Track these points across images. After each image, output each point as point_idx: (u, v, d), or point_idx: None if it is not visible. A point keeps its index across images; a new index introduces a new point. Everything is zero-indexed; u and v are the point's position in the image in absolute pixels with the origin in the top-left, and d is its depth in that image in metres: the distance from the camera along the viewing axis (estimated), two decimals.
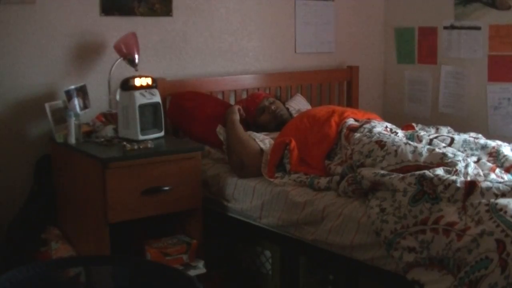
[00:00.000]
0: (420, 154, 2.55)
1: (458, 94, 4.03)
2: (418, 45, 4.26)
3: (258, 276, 3.02)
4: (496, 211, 2.15)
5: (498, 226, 2.10)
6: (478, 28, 3.91)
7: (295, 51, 4.11)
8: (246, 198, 2.96)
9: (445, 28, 4.09)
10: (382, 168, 2.55)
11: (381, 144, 2.64)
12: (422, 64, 4.23)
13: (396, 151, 2.58)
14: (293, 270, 2.84)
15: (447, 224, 2.19)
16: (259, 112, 3.39)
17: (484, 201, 2.22)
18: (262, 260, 2.99)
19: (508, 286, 2.00)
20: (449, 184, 2.29)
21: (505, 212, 2.13)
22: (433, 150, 2.58)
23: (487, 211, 2.17)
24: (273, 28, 4.01)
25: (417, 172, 2.41)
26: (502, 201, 2.19)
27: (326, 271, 2.70)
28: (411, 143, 2.66)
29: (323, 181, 2.75)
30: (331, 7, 4.22)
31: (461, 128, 3.44)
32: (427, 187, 2.33)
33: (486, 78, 3.90)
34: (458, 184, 2.28)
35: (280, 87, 3.98)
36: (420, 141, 2.81)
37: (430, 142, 2.79)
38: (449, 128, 3.22)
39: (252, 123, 3.39)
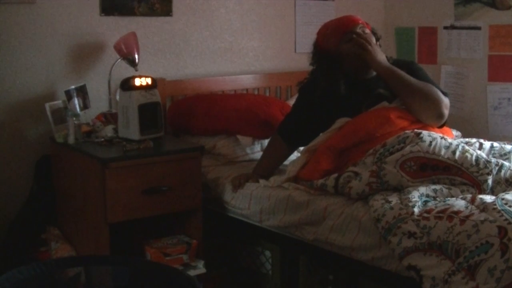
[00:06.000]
0: (454, 152, 2.50)
1: (458, 94, 4.03)
2: (418, 45, 4.26)
3: (258, 276, 3.02)
4: (502, 205, 2.18)
5: (501, 216, 2.12)
6: (478, 28, 3.91)
7: (295, 51, 4.11)
8: (244, 204, 2.96)
9: (445, 28, 4.09)
10: (412, 152, 2.51)
11: (417, 132, 2.61)
12: (422, 64, 4.22)
13: (431, 142, 2.54)
14: (293, 270, 2.84)
15: (452, 212, 2.22)
16: (346, 38, 2.90)
17: (492, 197, 2.31)
18: (262, 260, 2.99)
19: (507, 269, 2.01)
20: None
21: (510, 206, 2.17)
22: (467, 151, 2.51)
23: (493, 203, 2.21)
24: (273, 28, 4.01)
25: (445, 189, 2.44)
26: (508, 196, 2.25)
27: (326, 271, 2.70)
28: (448, 138, 2.60)
29: (320, 180, 2.73)
30: (331, 7, 4.22)
31: (461, 128, 3.44)
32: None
33: (486, 78, 3.90)
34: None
35: (280, 87, 3.98)
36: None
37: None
38: None
39: (333, 53, 2.93)
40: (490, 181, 2.46)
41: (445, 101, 2.81)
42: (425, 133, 2.59)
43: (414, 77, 2.85)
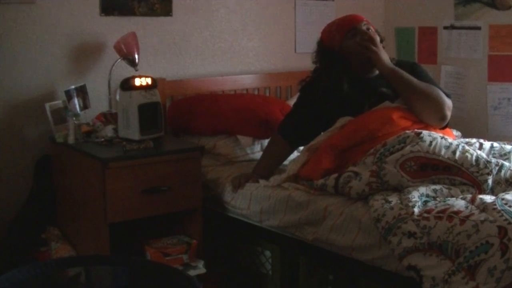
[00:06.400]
0: (454, 152, 2.51)
1: (458, 94, 4.03)
2: (418, 45, 4.26)
3: (258, 276, 3.02)
4: (502, 205, 2.19)
5: (501, 216, 2.12)
6: (478, 28, 3.91)
7: (295, 51, 4.11)
8: (244, 204, 2.96)
9: (445, 28, 4.09)
10: (412, 152, 2.51)
11: (417, 132, 2.61)
12: (422, 64, 4.21)
13: (431, 142, 2.54)
14: (293, 270, 2.84)
15: (452, 212, 2.22)
16: (349, 35, 2.93)
17: (492, 197, 2.31)
18: (262, 260, 3.00)
19: (507, 269, 2.01)
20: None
21: (510, 206, 2.17)
22: (467, 151, 2.51)
23: (493, 203, 2.21)
24: (273, 28, 4.00)
25: (445, 189, 2.44)
26: (508, 196, 2.26)
27: (326, 271, 2.70)
28: (448, 138, 2.60)
29: (320, 180, 2.73)
30: (331, 7, 4.22)
31: (461, 128, 3.44)
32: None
33: (486, 78, 3.90)
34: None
35: (280, 87, 3.98)
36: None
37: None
38: None
39: (337, 51, 2.94)
40: (490, 181, 2.46)
41: (448, 102, 2.82)
42: (425, 133, 2.59)
43: (417, 79, 2.86)
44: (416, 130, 2.65)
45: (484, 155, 2.54)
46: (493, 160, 2.52)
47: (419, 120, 2.81)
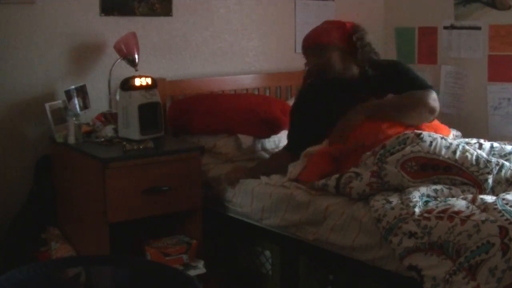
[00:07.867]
0: (454, 152, 2.51)
1: (458, 94, 4.03)
2: (418, 45, 4.26)
3: (258, 276, 3.02)
4: (502, 205, 2.19)
5: (502, 215, 2.13)
6: (478, 28, 3.91)
7: (295, 51, 4.11)
8: (246, 202, 2.96)
9: (445, 28, 4.08)
10: (412, 152, 2.52)
11: (417, 133, 2.61)
12: (422, 64, 4.23)
13: (431, 142, 2.54)
14: (293, 270, 2.84)
15: (453, 212, 2.22)
16: (322, 53, 3.08)
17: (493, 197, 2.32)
18: (262, 260, 2.99)
19: (508, 269, 2.01)
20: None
21: (511, 206, 2.18)
22: (467, 151, 2.51)
23: (494, 203, 2.21)
24: (273, 28, 4.00)
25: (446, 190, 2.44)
26: (509, 196, 2.26)
27: (326, 271, 2.70)
28: (448, 139, 2.61)
29: (321, 180, 2.73)
30: (331, 7, 4.21)
31: (461, 128, 3.44)
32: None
33: (486, 78, 3.90)
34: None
35: (280, 87, 3.98)
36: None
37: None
38: None
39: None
40: (490, 181, 2.46)
41: (432, 96, 2.90)
42: (425, 133, 2.60)
43: (401, 78, 2.97)
44: (415, 131, 2.65)
45: (484, 154, 2.54)
46: (493, 159, 2.52)
47: (409, 125, 2.86)
